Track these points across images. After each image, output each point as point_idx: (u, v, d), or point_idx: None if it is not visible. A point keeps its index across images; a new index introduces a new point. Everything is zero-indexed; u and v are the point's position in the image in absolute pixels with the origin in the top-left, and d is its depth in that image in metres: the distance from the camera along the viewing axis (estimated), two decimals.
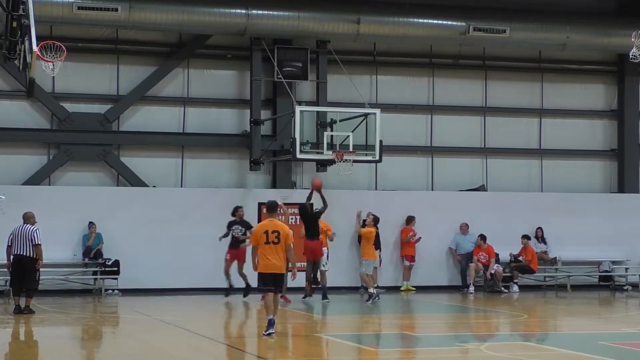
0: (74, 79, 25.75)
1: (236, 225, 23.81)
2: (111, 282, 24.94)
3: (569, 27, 27.32)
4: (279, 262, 16.65)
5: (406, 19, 26.34)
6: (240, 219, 23.98)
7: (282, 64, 26.20)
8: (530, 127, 29.24)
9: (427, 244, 26.78)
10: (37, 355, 15.34)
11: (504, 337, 18.14)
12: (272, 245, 16.60)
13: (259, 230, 16.78)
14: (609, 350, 15.45)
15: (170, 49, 26.81)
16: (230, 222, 23.92)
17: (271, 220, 16.95)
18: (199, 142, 26.74)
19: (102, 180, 26.19)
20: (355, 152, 24.16)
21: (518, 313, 21.78)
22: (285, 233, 16.70)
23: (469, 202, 27.68)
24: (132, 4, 24.62)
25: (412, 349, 16.38)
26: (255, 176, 26.98)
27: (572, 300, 25.41)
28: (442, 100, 28.54)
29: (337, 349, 16.15)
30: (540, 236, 27.77)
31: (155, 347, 16.10)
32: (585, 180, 29.34)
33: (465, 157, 28.70)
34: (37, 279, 20.66)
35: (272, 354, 15.40)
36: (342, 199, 26.11)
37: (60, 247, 24.68)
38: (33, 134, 25.82)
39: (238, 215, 24.02)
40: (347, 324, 20.03)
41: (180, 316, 20.10)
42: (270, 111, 27.01)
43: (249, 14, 25.44)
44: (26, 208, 21.24)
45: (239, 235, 23.65)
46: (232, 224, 23.88)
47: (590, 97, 29.62)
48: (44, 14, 23.10)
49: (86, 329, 18.75)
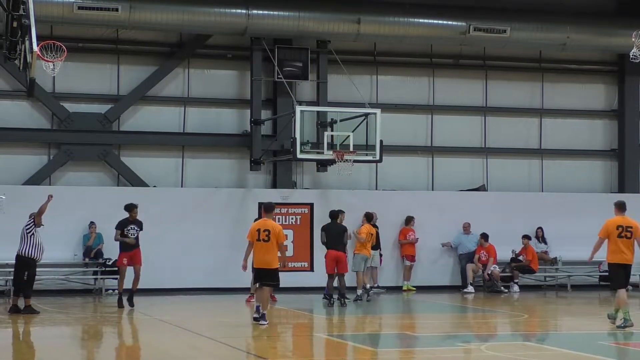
0: (74, 78, 25.75)
1: (131, 225, 21.72)
2: (111, 282, 24.92)
3: (569, 27, 27.32)
4: (269, 258, 18.22)
5: (406, 19, 26.35)
6: (133, 218, 21.80)
7: (283, 64, 26.20)
8: (530, 127, 29.25)
9: (427, 244, 26.77)
10: (37, 355, 15.33)
11: (505, 337, 18.13)
12: (263, 243, 18.18)
13: (253, 229, 18.48)
14: (609, 350, 15.46)
15: (170, 49, 26.81)
16: (123, 222, 21.82)
17: (265, 220, 18.52)
18: (199, 142, 26.75)
19: (103, 180, 26.20)
20: (356, 152, 24.15)
21: (518, 313, 21.78)
22: (276, 232, 18.23)
23: (469, 202, 27.67)
24: (132, 4, 24.62)
25: (412, 349, 16.37)
26: (256, 176, 26.98)
27: (572, 300, 25.41)
28: (442, 100, 28.54)
29: (337, 349, 16.15)
30: (541, 236, 27.77)
31: (155, 347, 16.10)
32: (586, 180, 29.35)
33: (466, 157, 28.71)
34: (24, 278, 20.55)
35: (272, 354, 15.40)
36: (342, 199, 26.13)
37: (61, 247, 24.68)
38: (33, 134, 25.82)
39: (132, 215, 21.82)
40: (347, 324, 20.03)
41: (180, 316, 20.10)
42: (270, 111, 27.02)
43: (249, 14, 25.44)
44: (26, 208, 21.26)
45: (131, 240, 21.48)
46: (125, 223, 21.77)
47: (591, 97, 29.62)
48: (45, 14, 23.09)
49: (86, 329, 18.75)
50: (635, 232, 17.81)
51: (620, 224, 17.89)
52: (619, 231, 17.83)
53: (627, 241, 17.82)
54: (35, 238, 20.49)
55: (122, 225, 21.63)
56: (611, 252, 17.97)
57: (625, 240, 17.81)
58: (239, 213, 25.27)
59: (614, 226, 17.90)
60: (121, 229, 21.61)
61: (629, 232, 17.81)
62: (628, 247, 17.85)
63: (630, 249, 17.88)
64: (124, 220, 21.70)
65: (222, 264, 23.95)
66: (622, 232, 17.82)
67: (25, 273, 20.50)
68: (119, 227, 21.62)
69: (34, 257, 20.48)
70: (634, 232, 17.81)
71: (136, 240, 21.58)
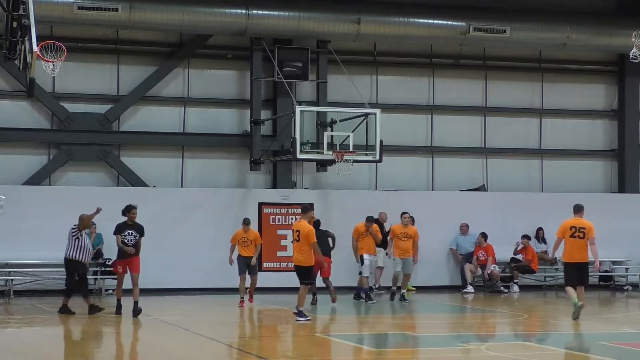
0: (74, 79, 25.74)
1: (129, 230, 20.12)
2: (111, 282, 24.91)
3: (569, 27, 27.32)
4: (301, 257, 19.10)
5: (406, 19, 26.34)
6: (132, 221, 20.20)
7: (283, 64, 26.20)
8: (530, 127, 29.25)
9: (427, 244, 26.72)
10: (37, 355, 15.32)
11: (505, 337, 18.13)
12: (295, 243, 19.26)
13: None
14: (609, 350, 15.45)
15: (170, 49, 26.81)
16: (120, 226, 20.25)
17: (299, 221, 19.50)
18: (199, 142, 26.74)
19: (102, 180, 26.20)
20: (356, 152, 24.16)
21: (518, 313, 21.78)
22: (305, 233, 18.99)
23: (469, 202, 27.67)
24: (132, 4, 24.62)
25: (412, 349, 16.36)
26: (256, 176, 26.97)
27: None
28: (442, 100, 28.54)
29: (337, 349, 16.15)
30: (542, 237, 27.77)
31: (155, 347, 16.09)
32: (586, 181, 29.34)
33: (466, 157, 28.71)
34: (76, 279, 20.50)
35: (272, 354, 15.39)
36: (342, 199, 26.14)
37: (60, 247, 24.62)
38: (33, 134, 25.82)
39: (130, 217, 20.23)
40: (347, 324, 20.02)
41: (180, 316, 20.10)
42: (270, 111, 27.02)
43: (249, 14, 25.44)
44: (26, 208, 21.27)
45: (127, 248, 19.98)
46: (122, 228, 20.21)
47: (591, 97, 29.62)
48: (44, 14, 23.08)
49: (86, 329, 18.74)
50: (588, 233, 18.95)
51: (574, 225, 19.13)
52: (572, 231, 19.10)
53: (580, 241, 19.02)
54: (81, 241, 20.39)
55: (119, 230, 20.08)
56: (565, 251, 19.29)
57: (577, 240, 19.02)
58: (239, 213, 25.20)
59: (568, 227, 19.18)
60: (119, 234, 20.09)
61: (581, 233, 19.03)
62: (581, 246, 19.06)
63: (584, 249, 19.07)
64: (121, 225, 20.13)
65: (222, 264, 23.89)
66: (574, 232, 19.07)
67: (76, 275, 20.45)
68: (116, 232, 20.12)
69: (80, 260, 20.42)
70: (587, 233, 18.96)
71: (135, 247, 19.98)
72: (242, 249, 22.44)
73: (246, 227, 22.61)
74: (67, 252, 20.52)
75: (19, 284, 24.57)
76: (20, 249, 24.30)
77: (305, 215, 19.50)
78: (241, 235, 22.51)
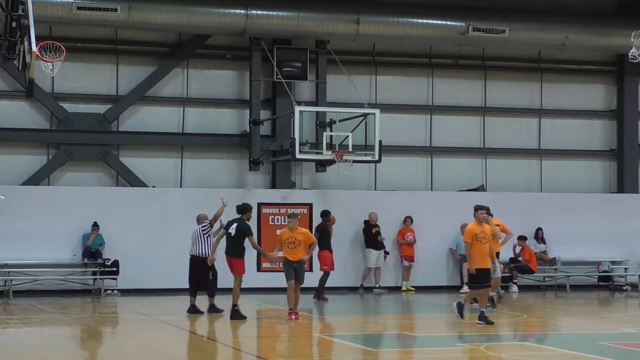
0: (73, 79, 25.74)
1: None
2: (111, 282, 24.93)
3: (568, 27, 27.33)
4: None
5: (406, 19, 26.36)
6: (248, 218, 19.92)
7: (282, 64, 26.21)
8: (529, 127, 29.26)
9: (427, 244, 26.77)
10: (37, 355, 15.32)
11: (504, 337, 18.11)
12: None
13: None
14: (609, 350, 15.45)
15: (169, 49, 26.81)
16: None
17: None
18: (199, 142, 26.75)
19: (102, 180, 26.19)
20: (355, 152, 24.17)
21: (517, 313, 21.77)
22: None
23: (469, 202, 27.41)
24: (131, 4, 24.63)
25: (412, 349, 16.37)
26: (255, 176, 26.98)
27: (571, 300, 25.40)
28: (441, 100, 28.54)
29: (336, 349, 16.14)
30: (541, 237, 27.76)
31: (155, 347, 16.09)
32: (585, 180, 29.35)
33: (465, 157, 28.71)
34: (209, 277, 20.34)
35: (272, 354, 15.39)
36: (341, 199, 26.14)
37: (60, 248, 24.70)
38: (33, 134, 25.82)
39: (246, 216, 19.86)
40: (347, 324, 20.02)
41: (180, 316, 20.09)
42: (269, 111, 27.02)
43: (249, 14, 25.44)
44: (25, 208, 21.23)
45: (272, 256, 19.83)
46: None
47: (590, 97, 29.63)
48: (44, 14, 23.11)
49: (86, 329, 18.74)
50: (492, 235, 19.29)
51: None
52: None
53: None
54: (212, 239, 20.33)
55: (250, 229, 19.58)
56: None
57: None
58: None
59: None
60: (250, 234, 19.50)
61: None
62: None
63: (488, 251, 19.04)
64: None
65: (221, 264, 23.84)
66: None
67: (210, 273, 20.31)
68: (249, 232, 19.48)
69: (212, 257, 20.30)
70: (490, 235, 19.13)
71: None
72: (288, 251, 19.07)
73: (293, 222, 19.16)
74: (198, 250, 20.32)
75: (18, 284, 24.56)
76: (20, 249, 24.31)
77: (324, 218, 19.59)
78: (287, 235, 19.16)
